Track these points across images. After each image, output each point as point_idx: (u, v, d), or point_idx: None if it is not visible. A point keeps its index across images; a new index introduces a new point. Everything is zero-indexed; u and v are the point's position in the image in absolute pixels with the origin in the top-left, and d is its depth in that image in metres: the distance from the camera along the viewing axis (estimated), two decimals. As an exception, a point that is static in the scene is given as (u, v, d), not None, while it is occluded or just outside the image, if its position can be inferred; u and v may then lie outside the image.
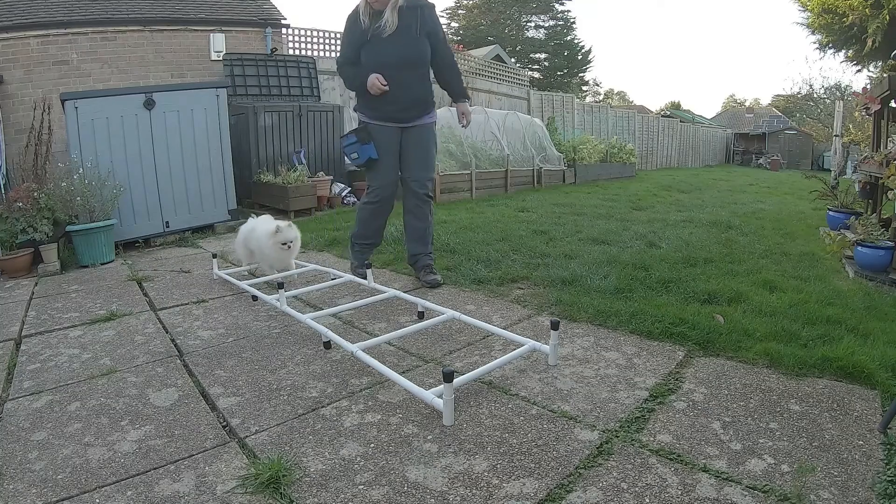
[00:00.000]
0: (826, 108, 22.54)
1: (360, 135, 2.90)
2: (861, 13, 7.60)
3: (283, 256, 3.02)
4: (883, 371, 1.80)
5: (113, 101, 4.32)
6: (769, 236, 4.34)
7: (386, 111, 2.88)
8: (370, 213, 3.05)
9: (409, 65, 2.84)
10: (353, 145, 2.94)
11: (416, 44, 2.85)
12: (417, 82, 2.90)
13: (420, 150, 2.99)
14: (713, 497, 1.25)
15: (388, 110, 2.87)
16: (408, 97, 2.87)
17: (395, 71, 2.79)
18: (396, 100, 2.84)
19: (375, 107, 2.88)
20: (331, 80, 8.02)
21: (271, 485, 1.30)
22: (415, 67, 2.87)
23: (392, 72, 2.78)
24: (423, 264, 3.06)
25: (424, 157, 3.01)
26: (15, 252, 3.71)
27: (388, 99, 2.82)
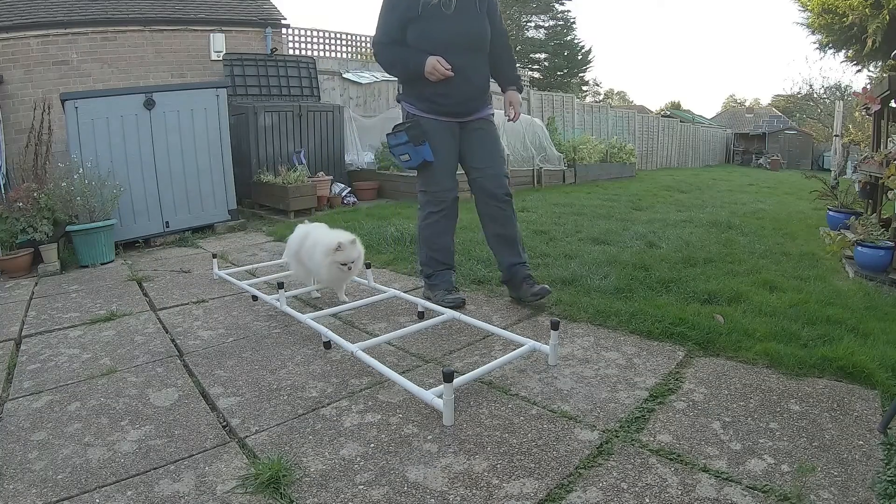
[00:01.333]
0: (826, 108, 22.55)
1: (412, 133, 2.46)
2: (861, 13, 7.60)
3: (339, 277, 2.58)
4: (883, 371, 1.80)
5: (113, 101, 4.32)
6: (769, 236, 4.34)
7: (444, 103, 2.45)
8: (436, 227, 2.57)
9: (475, 47, 2.45)
10: (403, 146, 2.49)
11: (482, 21, 2.45)
12: (482, 68, 2.51)
13: (487, 144, 2.58)
14: (713, 497, 1.25)
15: (446, 102, 2.44)
16: (471, 86, 2.46)
17: (459, 54, 2.37)
18: (458, 89, 2.42)
19: (430, 97, 2.44)
20: (331, 80, 8.03)
21: (271, 485, 1.30)
22: (480, 50, 2.48)
23: (455, 55, 2.36)
24: (521, 276, 2.59)
25: (494, 150, 2.61)
26: (15, 252, 3.71)
27: (449, 88, 2.39)
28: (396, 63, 2.48)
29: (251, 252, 4.13)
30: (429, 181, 2.55)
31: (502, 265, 2.65)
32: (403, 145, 2.49)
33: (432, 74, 2.34)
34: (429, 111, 2.48)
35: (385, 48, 2.48)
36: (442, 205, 2.54)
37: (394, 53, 2.46)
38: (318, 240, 2.54)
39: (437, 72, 2.32)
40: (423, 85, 2.41)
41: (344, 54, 8.70)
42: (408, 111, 2.55)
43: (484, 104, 2.58)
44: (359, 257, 2.53)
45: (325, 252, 2.45)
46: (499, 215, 2.58)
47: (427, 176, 2.55)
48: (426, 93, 2.44)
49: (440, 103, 2.45)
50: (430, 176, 2.54)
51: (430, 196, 2.56)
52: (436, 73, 2.33)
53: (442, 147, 2.50)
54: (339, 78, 8.15)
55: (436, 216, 2.56)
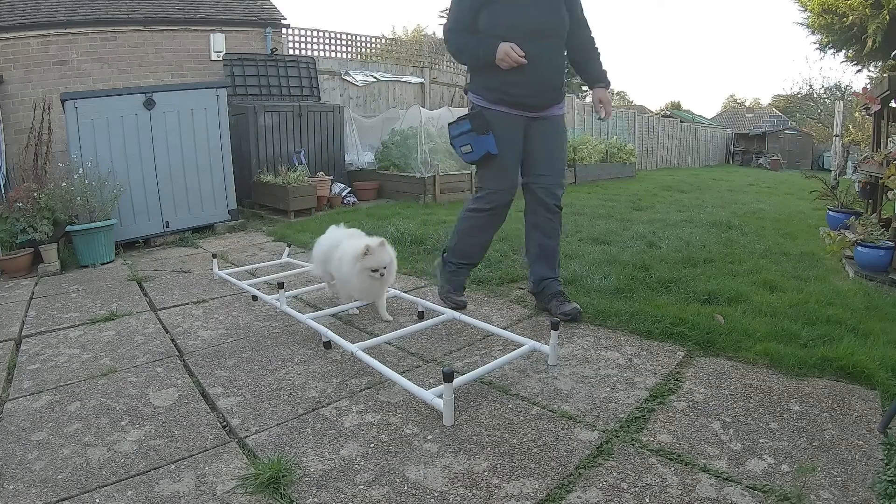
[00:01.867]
0: (826, 108, 22.55)
1: (476, 122, 2.29)
2: (861, 13, 7.60)
3: (372, 287, 2.32)
4: (883, 371, 1.80)
5: (113, 101, 4.32)
6: (769, 236, 4.34)
7: (514, 94, 2.27)
8: (478, 224, 2.45)
9: (551, 34, 2.27)
10: (465, 135, 2.33)
11: (559, 8, 2.29)
12: (557, 58, 2.33)
13: (552, 148, 2.41)
14: (713, 497, 1.25)
15: (517, 93, 2.27)
16: (545, 77, 2.29)
17: (533, 41, 2.19)
18: (531, 79, 2.24)
19: (500, 86, 2.27)
20: (331, 80, 8.03)
21: (271, 485, 1.30)
22: (556, 38, 2.30)
23: (529, 42, 2.18)
24: (552, 291, 2.47)
25: (557, 156, 2.44)
26: (15, 252, 3.71)
27: (521, 77, 2.22)
28: (465, 50, 2.31)
29: (251, 252, 4.13)
30: (487, 177, 2.39)
31: (534, 276, 2.51)
32: (465, 135, 2.32)
33: (504, 61, 2.16)
34: (497, 102, 2.30)
35: (455, 35, 2.32)
36: (494, 203, 2.38)
37: (464, 40, 2.30)
38: (347, 246, 2.35)
39: (509, 58, 2.15)
40: (493, 73, 2.24)
41: (344, 54, 8.70)
42: (474, 101, 2.38)
43: (557, 99, 2.39)
44: (391, 263, 2.31)
45: (353, 258, 2.23)
46: (547, 226, 2.44)
47: (486, 172, 2.38)
48: (496, 82, 2.26)
49: (510, 93, 2.26)
50: (491, 171, 2.37)
51: (485, 193, 2.40)
52: (508, 59, 2.15)
53: (507, 141, 2.31)
54: (339, 78, 8.15)
55: (482, 213, 2.42)
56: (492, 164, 2.34)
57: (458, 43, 2.34)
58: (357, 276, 2.23)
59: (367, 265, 2.22)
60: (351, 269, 2.25)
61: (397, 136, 7.20)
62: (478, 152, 2.30)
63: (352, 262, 2.24)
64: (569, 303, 2.42)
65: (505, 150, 2.31)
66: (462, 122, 2.35)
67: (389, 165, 7.01)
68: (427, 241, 3.96)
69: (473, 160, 2.36)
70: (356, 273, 2.23)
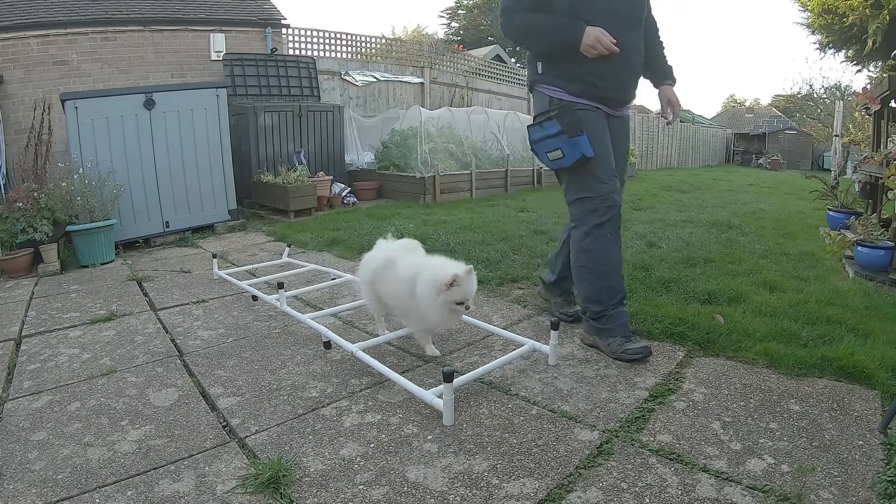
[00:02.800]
0: (826, 108, 22.53)
1: (567, 121, 1.92)
2: (861, 13, 7.60)
3: (451, 319, 1.96)
4: (883, 371, 1.80)
5: (113, 101, 4.32)
6: (769, 236, 4.34)
7: (603, 87, 1.98)
8: (604, 245, 2.03)
9: (636, 21, 2.02)
10: (554, 138, 1.96)
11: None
12: (640, 48, 2.06)
13: (623, 151, 2.17)
14: (713, 497, 1.25)
15: (605, 86, 1.98)
16: (631, 69, 2.03)
17: (620, 27, 1.92)
18: (619, 71, 1.97)
19: (585, 77, 1.96)
20: (331, 80, 8.03)
21: (271, 485, 1.30)
22: (640, 26, 2.04)
23: (617, 29, 1.90)
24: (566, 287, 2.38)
25: (626, 159, 2.21)
26: (15, 252, 3.71)
27: (609, 68, 1.94)
28: (536, 31, 1.96)
29: (251, 252, 4.13)
30: (589, 183, 2.00)
31: (559, 273, 2.34)
32: (554, 138, 1.96)
33: (594, 48, 1.86)
34: (582, 94, 1.98)
35: (517, 14, 1.99)
36: (609, 212, 2.00)
37: (534, 19, 1.95)
38: (420, 273, 1.90)
39: (600, 46, 1.85)
40: (575, 62, 1.92)
41: (344, 54, 8.69)
42: (550, 95, 2.04)
43: (634, 96, 2.14)
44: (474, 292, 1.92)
45: (435, 289, 1.83)
46: None
47: (586, 177, 2.00)
48: (580, 71, 1.95)
49: (598, 86, 1.97)
50: (591, 176, 1.99)
51: (594, 203, 2.00)
52: (599, 47, 1.85)
53: (602, 138, 2.00)
54: (339, 78, 8.15)
55: (602, 229, 2.01)
56: (588, 167, 1.99)
57: (524, 22, 1.97)
58: (437, 310, 1.85)
59: (454, 298, 1.83)
60: (431, 301, 1.84)
61: (397, 136, 7.20)
62: (571, 157, 1.95)
63: (433, 293, 1.83)
64: (574, 307, 2.35)
65: (601, 147, 1.99)
66: (547, 123, 1.98)
67: (389, 165, 7.01)
68: (427, 241, 3.96)
69: (565, 167, 1.99)
70: (437, 307, 1.84)
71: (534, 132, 2.06)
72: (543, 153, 2.04)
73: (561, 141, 1.95)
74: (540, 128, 2.02)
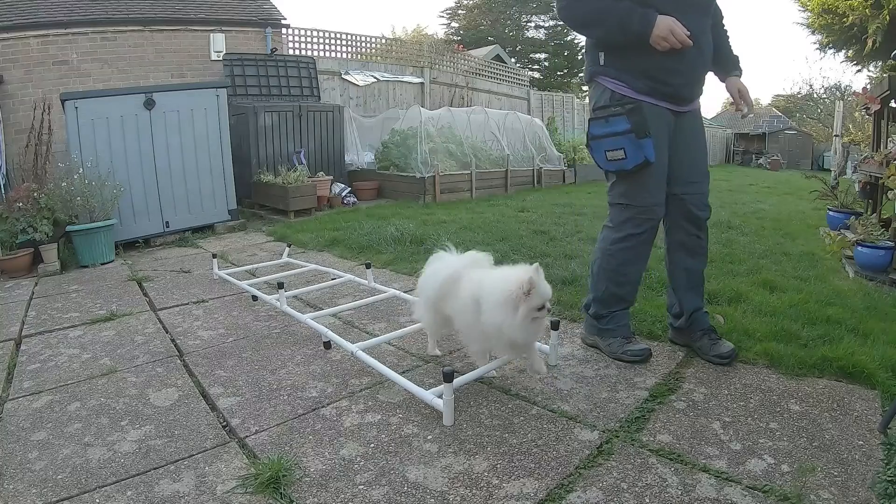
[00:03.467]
0: (826, 108, 22.52)
1: (636, 119, 1.77)
2: (861, 13, 7.60)
3: (536, 330, 1.74)
4: (883, 371, 1.80)
5: (113, 101, 4.33)
6: (769, 236, 4.34)
7: (672, 83, 1.81)
8: (631, 256, 1.96)
9: (707, 9, 1.86)
10: (621, 137, 1.80)
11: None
12: (710, 37, 1.88)
13: (699, 150, 2.00)
14: (713, 497, 1.25)
15: (675, 82, 1.81)
16: (703, 61, 1.86)
17: (693, 16, 1.75)
18: (691, 64, 1.80)
19: (653, 72, 1.79)
20: (331, 80, 8.03)
21: (271, 485, 1.30)
22: (709, 13, 1.88)
23: (689, 17, 1.73)
24: (704, 326, 2.02)
25: (704, 158, 2.02)
26: (15, 252, 3.71)
27: (680, 62, 1.76)
28: (600, 17, 1.76)
29: (251, 252, 4.13)
30: (637, 191, 1.88)
31: (684, 308, 2.03)
32: (621, 136, 1.79)
33: (664, 41, 1.68)
34: (649, 92, 1.80)
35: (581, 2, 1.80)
36: (647, 224, 1.91)
37: (597, 4, 1.75)
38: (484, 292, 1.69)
39: (673, 38, 1.67)
40: (643, 54, 1.74)
41: (344, 54, 8.69)
42: (612, 89, 1.85)
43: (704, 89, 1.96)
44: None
45: (512, 304, 1.63)
46: (695, 246, 2.02)
47: (635, 183, 1.87)
48: (648, 65, 1.77)
49: (666, 82, 1.79)
50: (641, 185, 1.86)
51: (635, 212, 1.90)
52: (671, 39, 1.67)
53: (662, 147, 1.84)
54: (339, 78, 8.15)
55: (635, 240, 1.93)
56: (643, 175, 1.84)
57: (589, 7, 1.77)
58: (521, 322, 1.64)
59: (534, 305, 1.63)
60: (510, 318, 1.64)
61: (397, 136, 7.20)
62: (633, 160, 1.79)
63: (511, 307, 1.63)
64: (723, 342, 1.98)
65: (660, 154, 1.83)
66: (613, 118, 1.80)
67: (389, 165, 7.01)
68: (427, 241, 3.96)
69: (623, 169, 1.83)
70: (521, 320, 1.63)
71: (597, 127, 1.87)
72: (602, 151, 1.87)
73: (627, 140, 1.79)
74: (605, 123, 1.83)
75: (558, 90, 19.92)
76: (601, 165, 1.93)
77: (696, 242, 2.02)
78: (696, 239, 2.02)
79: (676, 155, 1.92)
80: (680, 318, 2.06)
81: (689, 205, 1.96)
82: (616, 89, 1.84)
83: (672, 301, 2.11)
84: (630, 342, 2.01)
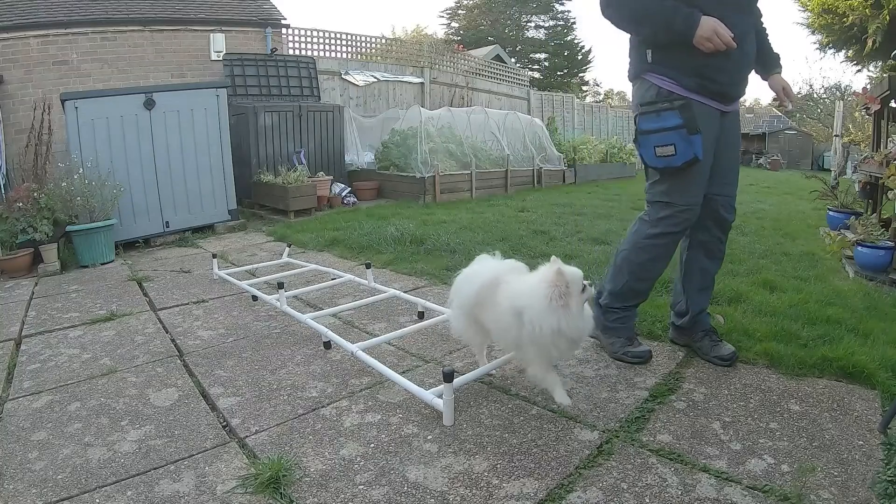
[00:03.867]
0: (826, 108, 22.52)
1: (688, 115, 1.74)
2: (861, 13, 7.60)
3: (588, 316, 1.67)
4: (883, 371, 1.80)
5: (113, 102, 4.32)
6: (769, 236, 4.34)
7: (720, 81, 1.79)
8: (660, 253, 1.94)
9: (751, 8, 1.85)
10: (671, 132, 1.76)
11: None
12: (753, 39, 1.86)
13: (735, 151, 1.98)
14: (713, 497, 1.25)
15: (722, 80, 1.79)
16: (747, 60, 1.84)
17: (738, 15, 1.75)
18: (737, 63, 1.78)
19: (701, 70, 1.76)
20: (331, 80, 8.03)
21: (271, 485, 1.30)
22: (752, 16, 1.85)
23: (734, 16, 1.72)
24: (705, 327, 2.05)
25: (737, 160, 2.01)
26: (15, 252, 3.71)
27: (726, 61, 1.74)
28: (648, 17, 1.73)
29: (251, 252, 4.13)
30: (680, 190, 1.84)
31: (690, 308, 2.03)
32: (672, 131, 1.75)
33: (710, 42, 1.66)
34: (698, 90, 1.78)
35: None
36: (684, 224, 1.88)
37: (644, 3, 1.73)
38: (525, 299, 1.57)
39: (717, 40, 1.65)
40: (692, 51, 1.71)
41: (344, 54, 8.69)
42: (660, 86, 1.82)
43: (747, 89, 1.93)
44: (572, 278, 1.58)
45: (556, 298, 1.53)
46: (714, 248, 2.01)
47: (680, 181, 1.83)
48: (696, 63, 1.74)
49: (714, 80, 1.77)
50: (687, 183, 1.83)
51: (675, 210, 1.85)
52: (716, 40, 1.66)
53: (709, 143, 1.81)
54: (339, 78, 8.15)
55: (669, 238, 1.91)
56: (690, 173, 1.80)
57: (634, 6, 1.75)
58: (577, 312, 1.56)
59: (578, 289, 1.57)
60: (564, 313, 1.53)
61: (397, 136, 7.20)
62: (683, 156, 1.75)
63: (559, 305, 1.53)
64: (724, 344, 2.00)
65: (707, 153, 1.80)
66: (664, 113, 1.76)
67: (389, 165, 7.01)
68: (427, 241, 3.96)
69: (671, 165, 1.78)
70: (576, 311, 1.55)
71: (647, 121, 1.81)
72: (651, 146, 1.81)
73: (678, 136, 1.74)
74: (656, 117, 1.78)
75: (558, 90, 19.93)
76: (648, 162, 1.87)
77: (717, 245, 2.01)
78: (717, 242, 2.01)
79: (717, 155, 1.90)
80: (683, 317, 2.07)
81: (718, 206, 1.94)
82: (664, 86, 1.81)
83: (678, 299, 2.11)
84: (632, 344, 2.02)
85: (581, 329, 1.59)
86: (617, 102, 34.18)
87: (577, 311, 1.56)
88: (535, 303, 1.54)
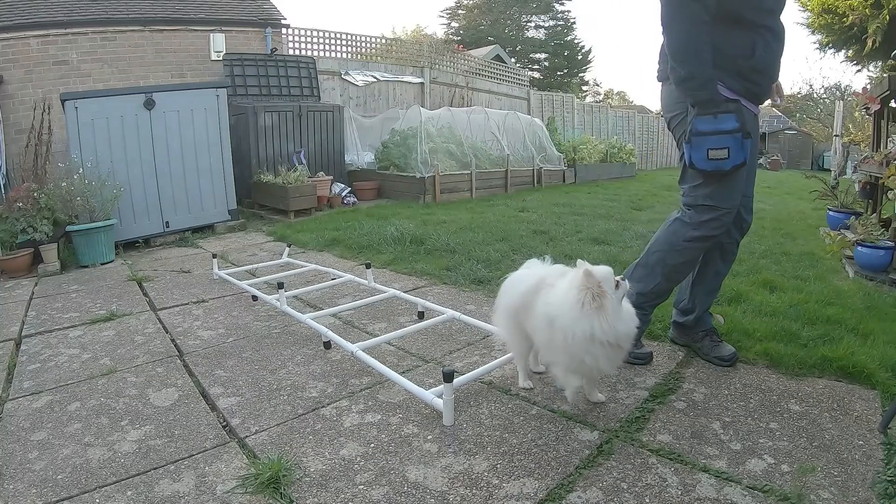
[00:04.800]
0: (826, 108, 22.53)
1: (742, 119, 1.71)
2: (861, 13, 7.60)
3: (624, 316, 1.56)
4: (883, 371, 1.80)
5: (113, 101, 4.33)
6: (769, 236, 4.33)
7: (762, 84, 1.79)
8: (696, 255, 1.94)
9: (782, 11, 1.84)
10: (726, 135, 1.70)
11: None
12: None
13: (755, 152, 1.94)
14: (713, 497, 1.25)
15: (764, 83, 1.80)
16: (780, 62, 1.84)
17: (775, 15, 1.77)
18: (776, 67, 1.81)
19: (748, 75, 1.75)
20: (331, 79, 8.03)
21: (271, 485, 1.30)
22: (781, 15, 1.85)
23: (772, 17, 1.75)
24: (706, 327, 2.06)
25: (755, 162, 1.97)
26: (15, 252, 3.71)
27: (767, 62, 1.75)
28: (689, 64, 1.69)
29: (251, 252, 4.13)
30: (726, 193, 1.80)
31: (696, 307, 2.04)
32: (728, 134, 1.69)
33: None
34: (744, 94, 1.76)
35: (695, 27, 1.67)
36: (724, 228, 1.86)
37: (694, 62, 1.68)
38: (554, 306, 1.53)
39: None
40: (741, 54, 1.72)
41: (344, 54, 8.69)
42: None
43: None
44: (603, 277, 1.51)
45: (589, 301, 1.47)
46: (730, 251, 2.01)
47: (726, 185, 1.79)
48: (742, 66, 1.72)
49: (759, 83, 1.77)
50: (732, 187, 1.79)
51: (720, 213, 1.81)
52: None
53: (754, 146, 1.82)
54: (339, 78, 8.15)
55: (709, 241, 1.88)
56: (735, 177, 1.77)
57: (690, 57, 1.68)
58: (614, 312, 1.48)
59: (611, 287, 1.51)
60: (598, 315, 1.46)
61: (397, 136, 7.20)
62: (735, 160, 1.70)
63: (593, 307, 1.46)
64: (725, 345, 2.00)
65: (752, 157, 1.80)
66: (722, 115, 1.69)
67: (389, 165, 7.01)
68: (427, 241, 3.96)
69: (721, 169, 1.72)
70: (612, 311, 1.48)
71: (703, 123, 1.71)
72: (704, 149, 1.73)
73: (733, 140, 1.69)
74: (713, 119, 1.70)
75: (558, 90, 19.93)
76: (697, 164, 1.76)
77: (732, 248, 2.02)
78: (734, 244, 2.01)
79: None
80: (688, 315, 2.06)
81: (741, 208, 1.91)
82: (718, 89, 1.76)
83: (683, 297, 2.10)
84: (635, 346, 1.96)
85: (620, 331, 1.48)
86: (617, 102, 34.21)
87: (614, 311, 1.48)
88: (566, 310, 1.48)
